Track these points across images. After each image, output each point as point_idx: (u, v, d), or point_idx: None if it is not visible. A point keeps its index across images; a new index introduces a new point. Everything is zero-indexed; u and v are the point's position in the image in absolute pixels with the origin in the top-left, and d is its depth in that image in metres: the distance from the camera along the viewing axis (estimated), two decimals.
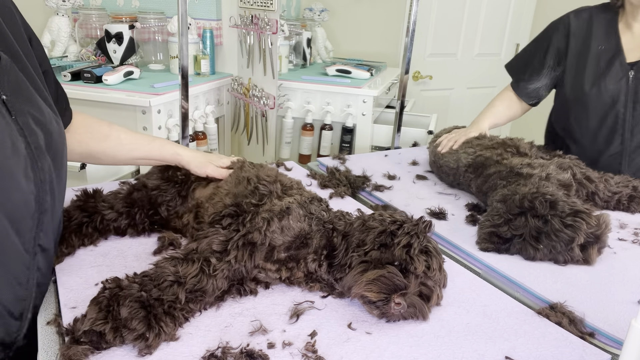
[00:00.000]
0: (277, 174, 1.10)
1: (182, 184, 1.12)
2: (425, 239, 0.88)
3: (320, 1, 2.84)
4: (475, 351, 0.79)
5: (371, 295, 0.82)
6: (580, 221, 1.04)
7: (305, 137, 2.39)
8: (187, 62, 1.63)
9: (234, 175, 1.08)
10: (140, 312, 0.74)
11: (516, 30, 3.31)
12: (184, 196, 1.11)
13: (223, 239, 0.88)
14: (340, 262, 0.89)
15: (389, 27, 3.00)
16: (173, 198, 1.10)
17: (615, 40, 1.51)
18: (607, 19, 1.55)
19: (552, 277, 1.03)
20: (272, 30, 2.07)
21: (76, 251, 1.01)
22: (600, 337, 0.86)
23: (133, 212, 1.07)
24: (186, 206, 1.09)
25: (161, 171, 1.15)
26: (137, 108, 1.88)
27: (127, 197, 1.09)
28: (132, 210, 1.07)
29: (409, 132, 2.24)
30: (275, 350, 0.76)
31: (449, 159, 1.49)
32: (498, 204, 1.16)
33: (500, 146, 1.44)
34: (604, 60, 1.52)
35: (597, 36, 1.54)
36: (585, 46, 1.55)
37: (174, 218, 1.10)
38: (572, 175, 1.31)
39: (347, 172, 1.53)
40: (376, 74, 2.57)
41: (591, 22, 1.56)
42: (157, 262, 0.84)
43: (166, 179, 1.12)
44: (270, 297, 0.90)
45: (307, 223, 0.92)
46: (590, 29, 1.55)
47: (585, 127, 1.57)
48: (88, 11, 2.44)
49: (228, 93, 2.48)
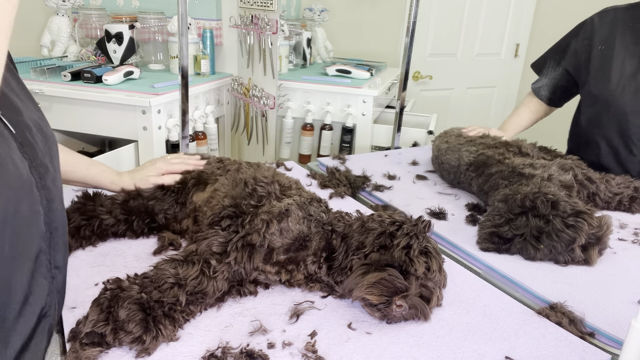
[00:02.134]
0: (274, 174, 1.10)
1: (179, 192, 1.11)
2: (424, 240, 0.88)
3: (320, 1, 2.84)
4: (475, 351, 0.79)
5: (372, 298, 0.82)
6: (581, 222, 1.04)
7: (305, 137, 2.39)
8: (187, 62, 1.63)
9: (231, 178, 1.07)
10: (138, 314, 0.74)
11: (516, 30, 3.31)
12: (182, 203, 1.10)
13: (222, 241, 0.88)
14: (340, 264, 0.89)
15: (389, 27, 3.00)
16: (171, 206, 1.09)
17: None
18: (633, 19, 1.50)
19: (552, 277, 1.03)
20: (272, 30, 2.07)
21: (74, 252, 1.01)
22: (600, 337, 0.86)
23: (131, 219, 1.07)
24: (184, 211, 1.09)
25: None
26: (137, 108, 1.88)
27: (124, 204, 1.09)
28: (129, 218, 1.07)
29: (409, 132, 2.24)
30: (275, 350, 0.76)
31: (450, 157, 1.49)
32: (499, 203, 1.16)
33: (502, 146, 1.44)
34: (629, 65, 1.48)
35: (622, 38, 1.50)
36: (609, 48, 1.51)
37: (173, 223, 1.10)
38: (574, 176, 1.31)
39: (347, 172, 1.53)
40: (376, 74, 2.57)
41: (616, 23, 1.52)
42: (157, 264, 0.84)
43: (162, 187, 1.12)
44: (270, 297, 0.90)
45: (306, 225, 0.92)
46: (615, 30, 1.51)
47: (606, 132, 1.54)
48: (88, 11, 2.44)
49: (228, 93, 2.48)
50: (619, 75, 1.48)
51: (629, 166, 1.52)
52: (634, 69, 1.47)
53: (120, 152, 1.83)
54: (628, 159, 1.52)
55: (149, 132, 1.90)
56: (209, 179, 1.11)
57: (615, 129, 1.51)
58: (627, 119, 1.48)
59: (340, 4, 2.95)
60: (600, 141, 1.56)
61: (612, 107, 1.50)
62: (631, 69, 1.47)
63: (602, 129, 1.55)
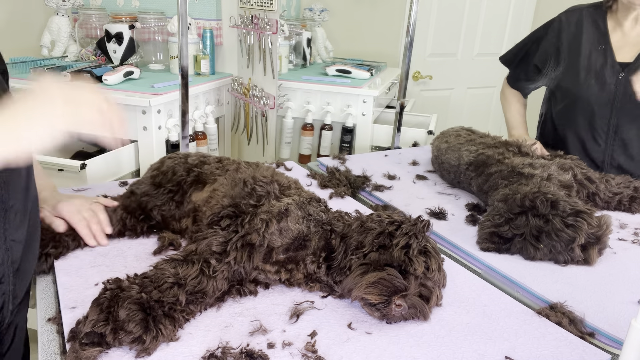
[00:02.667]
0: (273, 173, 1.10)
1: (175, 191, 1.10)
2: (423, 239, 0.88)
3: (320, 1, 2.84)
4: (475, 351, 0.79)
5: (372, 298, 0.82)
6: (581, 221, 1.04)
7: (305, 137, 2.39)
8: (187, 62, 1.63)
9: (230, 178, 1.07)
10: (138, 314, 0.73)
11: (516, 30, 3.30)
12: (179, 202, 1.09)
13: (222, 240, 0.88)
14: (339, 264, 0.89)
15: (389, 27, 3.00)
16: (165, 203, 1.09)
17: (605, 39, 1.55)
18: (598, 17, 1.58)
19: (552, 277, 1.03)
20: (272, 30, 2.07)
21: (73, 252, 1.01)
22: (600, 337, 0.86)
23: (124, 216, 1.08)
24: (183, 210, 1.09)
25: (152, 177, 1.14)
26: (137, 108, 1.88)
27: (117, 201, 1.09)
28: (123, 215, 1.08)
29: (409, 132, 2.24)
30: (275, 350, 0.76)
31: (450, 156, 1.49)
32: (499, 203, 1.16)
33: (502, 145, 1.44)
34: (595, 60, 1.55)
35: (588, 36, 1.57)
36: (576, 45, 1.59)
37: (172, 222, 1.09)
38: (573, 175, 1.31)
39: (347, 172, 1.53)
40: (376, 74, 2.57)
41: (581, 22, 1.59)
42: (156, 264, 0.84)
43: (157, 185, 1.11)
44: (270, 297, 0.90)
45: (305, 225, 0.92)
46: (581, 28, 1.59)
47: (574, 124, 1.61)
48: (88, 11, 2.44)
49: (228, 93, 2.48)
50: (587, 70, 1.56)
51: (594, 155, 1.60)
52: (600, 64, 1.54)
53: (120, 152, 1.83)
54: (593, 149, 1.60)
55: (149, 132, 1.90)
56: (208, 178, 1.11)
57: (583, 120, 1.59)
58: (594, 110, 1.56)
59: (340, 4, 2.94)
60: (568, 133, 1.64)
61: (579, 99, 1.58)
62: (597, 64, 1.55)
63: (570, 121, 1.63)
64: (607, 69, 1.52)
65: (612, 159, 1.58)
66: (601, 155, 1.59)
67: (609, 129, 1.55)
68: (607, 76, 1.52)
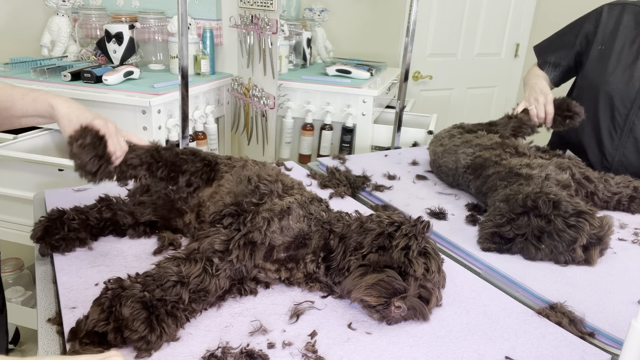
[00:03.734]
0: (278, 173, 1.10)
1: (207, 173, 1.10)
2: (423, 240, 0.88)
3: (320, 1, 2.84)
4: (475, 351, 0.79)
5: (371, 300, 0.82)
6: (583, 222, 1.04)
7: (305, 137, 2.39)
8: (187, 62, 1.63)
9: (236, 174, 1.08)
10: (143, 313, 0.73)
11: (516, 30, 3.31)
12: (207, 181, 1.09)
13: (225, 239, 0.88)
14: (339, 265, 0.89)
15: (389, 27, 3.00)
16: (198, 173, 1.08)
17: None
18: (638, 14, 1.58)
19: (552, 277, 1.03)
20: (272, 30, 2.07)
21: (74, 252, 1.01)
22: (600, 337, 0.86)
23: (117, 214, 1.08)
24: (188, 205, 1.09)
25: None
26: (137, 108, 1.88)
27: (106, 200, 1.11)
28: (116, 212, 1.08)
29: (409, 132, 2.24)
30: (275, 350, 0.76)
31: (448, 160, 1.49)
32: (501, 203, 1.16)
33: (499, 147, 1.44)
34: (626, 55, 1.56)
35: (625, 31, 1.58)
36: (611, 38, 1.60)
37: (175, 217, 1.09)
38: (571, 175, 1.31)
39: (347, 172, 1.53)
40: (376, 74, 2.57)
41: (621, 16, 1.60)
42: (159, 262, 0.84)
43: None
44: (270, 297, 0.90)
45: (306, 223, 0.92)
46: (620, 22, 1.60)
47: (593, 115, 1.62)
48: (88, 11, 2.44)
49: (228, 93, 2.48)
50: (615, 64, 1.57)
51: (606, 150, 1.61)
52: (631, 60, 1.55)
53: None
54: (607, 143, 1.61)
55: (149, 132, 1.90)
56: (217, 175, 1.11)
57: (602, 112, 1.60)
58: (614, 104, 1.57)
59: (340, 4, 2.94)
60: (585, 123, 1.63)
61: (602, 91, 1.59)
62: (628, 60, 1.56)
63: (589, 112, 1.62)
64: (637, 66, 1.53)
65: (624, 155, 1.58)
66: (613, 151, 1.60)
67: (625, 125, 1.56)
68: (634, 73, 1.53)
